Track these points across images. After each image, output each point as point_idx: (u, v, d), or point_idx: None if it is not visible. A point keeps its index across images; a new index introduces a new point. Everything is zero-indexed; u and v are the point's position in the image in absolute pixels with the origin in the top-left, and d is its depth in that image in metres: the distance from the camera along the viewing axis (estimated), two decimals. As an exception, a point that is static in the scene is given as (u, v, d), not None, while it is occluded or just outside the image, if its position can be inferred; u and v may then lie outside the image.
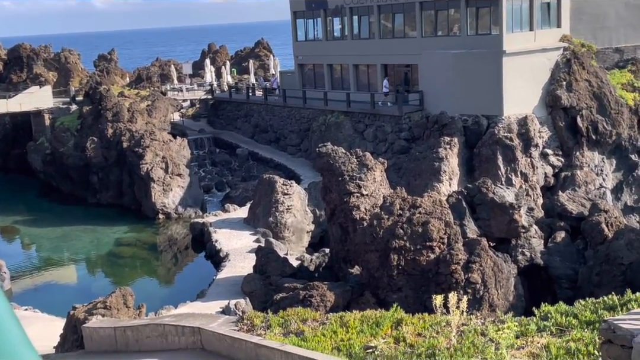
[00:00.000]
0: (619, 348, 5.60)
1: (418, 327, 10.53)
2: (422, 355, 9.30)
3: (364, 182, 23.03)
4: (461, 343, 9.42)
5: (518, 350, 8.78)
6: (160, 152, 38.08)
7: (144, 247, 34.15)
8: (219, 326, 12.47)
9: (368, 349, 10.03)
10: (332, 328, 11.29)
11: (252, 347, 10.96)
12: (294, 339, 11.09)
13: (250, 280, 23.56)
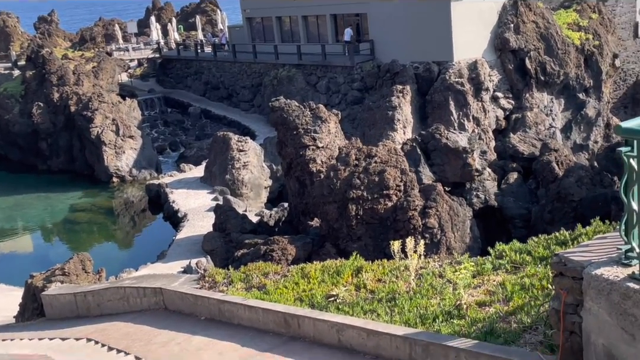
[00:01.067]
0: (570, 280, 5.80)
1: (378, 274, 10.70)
2: (383, 300, 9.47)
3: (319, 134, 23.02)
4: (420, 286, 9.62)
5: (475, 289, 9.01)
6: (109, 115, 37.29)
7: (99, 211, 33.71)
8: (180, 285, 12.46)
9: (330, 297, 10.17)
10: (294, 280, 11.39)
11: (215, 303, 11.00)
12: (257, 293, 11.17)
13: (210, 238, 23.54)
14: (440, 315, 8.42)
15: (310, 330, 9.20)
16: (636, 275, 5.34)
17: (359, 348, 8.41)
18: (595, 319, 5.61)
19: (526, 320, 7.62)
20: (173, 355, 9.60)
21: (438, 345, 7.42)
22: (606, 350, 5.60)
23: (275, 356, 8.79)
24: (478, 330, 7.72)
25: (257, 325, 10.12)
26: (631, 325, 5.32)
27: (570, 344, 5.96)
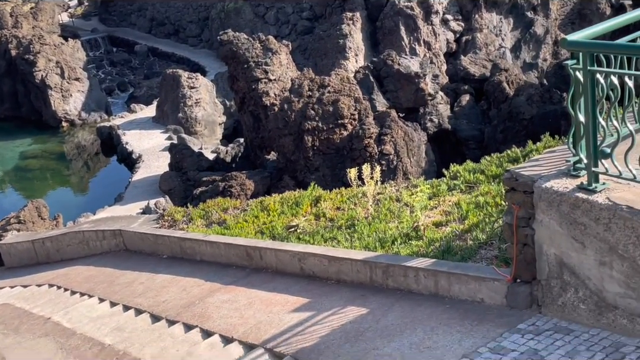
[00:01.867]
0: (521, 194, 5.95)
1: (336, 202, 10.81)
2: (343, 227, 9.61)
3: (270, 66, 22.71)
4: (378, 211, 9.76)
5: (431, 211, 9.20)
6: (53, 57, 36.03)
7: (51, 157, 32.99)
8: (140, 226, 12.41)
9: (290, 228, 10.26)
10: (254, 213, 11.44)
11: (176, 241, 11.02)
12: (217, 229, 11.20)
13: (167, 178, 23.36)
14: (399, 238, 8.59)
15: (273, 261, 9.31)
16: (584, 186, 5.50)
17: (321, 275, 8.56)
18: (547, 230, 5.80)
19: (481, 237, 7.83)
20: (137, 294, 9.64)
21: (397, 267, 7.60)
22: (558, 259, 5.81)
23: (239, 288, 8.90)
24: (435, 250, 7.92)
25: (219, 260, 10.19)
26: (581, 234, 5.52)
27: (524, 255, 6.16)
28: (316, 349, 6.64)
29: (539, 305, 6.14)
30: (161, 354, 7.57)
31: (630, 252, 5.20)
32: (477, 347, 5.88)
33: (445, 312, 6.73)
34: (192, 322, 8.20)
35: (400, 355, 6.11)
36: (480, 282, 6.71)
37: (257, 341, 7.22)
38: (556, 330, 5.80)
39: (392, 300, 7.32)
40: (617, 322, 5.46)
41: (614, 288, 5.41)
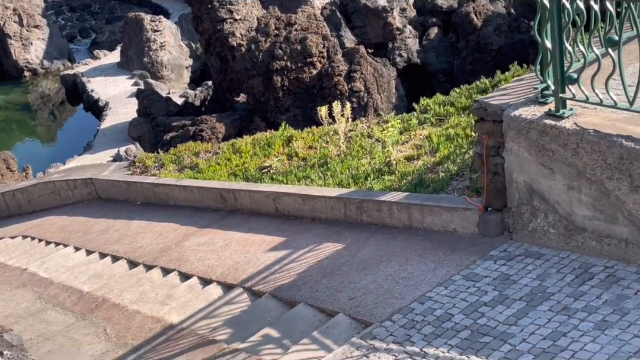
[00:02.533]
0: (491, 124, 6.00)
1: (308, 141, 10.80)
2: (315, 166, 9.63)
3: (235, 6, 22.23)
4: (350, 148, 9.79)
5: (403, 145, 9.25)
6: (9, 5, 34.83)
7: (15, 108, 32.26)
8: (111, 174, 12.32)
9: (263, 169, 10.26)
10: (226, 156, 11.40)
11: (149, 187, 10.96)
12: (190, 173, 11.17)
13: (136, 124, 23.04)
14: (372, 174, 8.65)
15: (247, 202, 9.33)
16: (552, 112, 5.55)
17: (296, 213, 8.62)
18: (516, 158, 5.88)
19: (452, 169, 7.92)
20: (113, 241, 9.63)
21: (371, 202, 7.67)
22: (527, 185, 5.91)
23: (215, 230, 8.93)
24: (408, 183, 8.00)
25: (194, 204, 10.19)
26: (549, 160, 5.60)
27: (494, 184, 6.25)
28: (294, 285, 6.74)
29: (510, 232, 6.27)
30: (141, 298, 7.63)
31: (598, 176, 5.30)
32: (451, 275, 6.02)
33: (419, 244, 6.84)
34: (170, 265, 8.24)
35: (376, 286, 6.23)
36: (453, 213, 6.82)
37: (236, 281, 7.30)
38: (527, 255, 5.94)
39: (367, 235, 7.42)
40: (586, 244, 5.61)
41: (582, 211, 5.54)
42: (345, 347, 5.44)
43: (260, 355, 5.78)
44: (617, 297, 5.03)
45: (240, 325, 6.47)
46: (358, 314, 5.91)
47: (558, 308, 5.09)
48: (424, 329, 5.33)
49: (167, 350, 6.29)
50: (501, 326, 5.08)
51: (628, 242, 5.31)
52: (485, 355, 4.81)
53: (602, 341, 4.59)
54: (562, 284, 5.38)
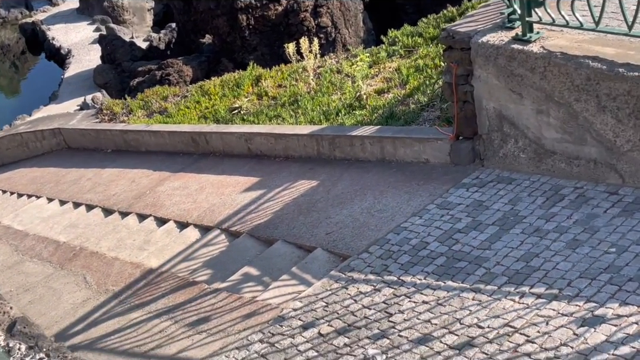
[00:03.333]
0: (459, 52, 5.97)
1: (277, 79, 10.69)
2: (286, 104, 9.56)
3: (194, -57, 21.53)
4: (320, 84, 9.71)
5: (372, 79, 9.19)
6: (-42, -47, 33.36)
7: (-26, 62, 31.37)
8: (79, 122, 12.12)
9: (233, 110, 10.17)
10: (195, 99, 11.25)
11: (119, 134, 10.82)
12: (159, 118, 11.03)
13: (101, 71, 22.56)
14: (343, 109, 8.62)
15: (219, 144, 9.28)
16: (519, 37, 5.54)
17: (269, 153, 8.60)
18: (485, 85, 5.89)
19: (423, 100, 7.92)
20: (86, 190, 9.56)
21: (343, 137, 7.67)
22: (497, 112, 5.94)
23: (189, 174, 8.90)
24: (379, 117, 7.99)
25: (165, 149, 10.11)
26: (518, 85, 5.62)
27: (465, 113, 6.28)
28: (271, 224, 6.79)
29: (482, 159, 6.34)
30: (118, 245, 7.63)
31: (566, 98, 5.34)
32: (425, 205, 6.10)
33: (393, 176, 6.90)
34: (145, 211, 8.23)
35: (352, 220, 6.30)
36: (424, 143, 6.85)
37: (212, 223, 7.32)
38: (499, 181, 6.03)
39: (341, 170, 7.45)
40: (556, 167, 5.70)
41: (551, 134, 5.60)
42: (325, 281, 5.53)
43: (241, 293, 5.86)
44: (587, 216, 5.15)
45: (219, 265, 6.53)
46: (335, 247, 5.99)
47: (530, 230, 5.20)
48: (401, 259, 5.42)
49: (148, 294, 6.34)
50: (475, 251, 5.19)
51: (597, 162, 5.41)
52: (460, 279, 4.93)
53: (574, 259, 4.73)
54: (533, 206, 5.48)
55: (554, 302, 4.38)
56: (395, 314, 4.80)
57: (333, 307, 5.15)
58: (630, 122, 5.05)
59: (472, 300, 4.67)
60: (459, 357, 4.20)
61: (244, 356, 4.97)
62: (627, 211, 5.06)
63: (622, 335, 3.93)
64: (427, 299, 4.84)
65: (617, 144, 5.21)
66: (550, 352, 3.99)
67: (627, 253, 4.61)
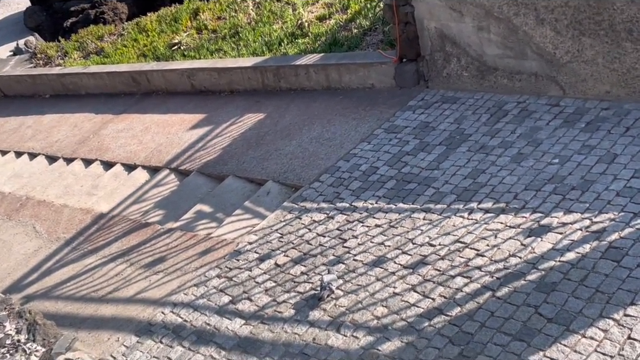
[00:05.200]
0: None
1: (216, 12, 10.39)
2: (227, 37, 9.34)
3: None
4: (260, 14, 9.49)
5: (313, 6, 9.01)
6: None
7: None
8: (13, 69, 11.63)
9: (173, 46, 9.89)
10: (132, 37, 10.89)
11: (55, 78, 10.45)
12: (96, 59, 10.65)
13: (32, 14, 21.55)
14: (285, 39, 8.46)
15: (161, 82, 9.06)
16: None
17: (213, 88, 8.45)
18: (425, 4, 5.83)
19: (365, 24, 7.82)
20: (27, 138, 9.28)
21: (287, 67, 7.56)
22: (439, 31, 5.92)
23: (132, 115, 8.70)
24: (322, 44, 7.89)
25: (106, 91, 9.82)
26: (458, 3, 5.59)
27: (407, 34, 6.23)
28: (221, 160, 6.74)
29: (426, 80, 6.35)
30: (66, 192, 7.48)
31: (505, 13, 5.34)
32: (372, 130, 6.11)
33: (340, 103, 6.87)
34: (91, 156, 8.05)
35: (302, 151, 6.29)
36: (369, 68, 6.81)
37: (161, 163, 7.23)
38: (444, 101, 6.07)
39: (287, 101, 7.38)
40: (499, 83, 5.75)
41: (493, 51, 5.62)
42: (278, 212, 5.55)
43: (196, 231, 5.85)
44: (531, 129, 5.25)
45: (171, 205, 6.48)
46: (287, 179, 5.99)
47: (476, 147, 5.29)
48: (352, 185, 5.47)
49: (101, 238, 6.28)
50: (424, 172, 5.26)
51: (537, 75, 5.47)
52: (411, 201, 5.00)
53: (519, 173, 4.84)
54: (478, 124, 5.55)
55: (502, 215, 4.50)
56: (350, 239, 4.87)
57: (288, 238, 5.19)
58: (569, 33, 5.09)
59: (423, 220, 4.76)
60: (413, 276, 4.31)
61: (202, 292, 5.00)
62: (568, 122, 5.17)
63: (567, 242, 4.08)
64: (380, 222, 4.92)
65: (557, 56, 5.27)
66: (500, 263, 4.13)
67: (570, 162, 4.74)
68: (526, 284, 3.90)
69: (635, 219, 4.05)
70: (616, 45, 4.92)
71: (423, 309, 4.03)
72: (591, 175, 4.55)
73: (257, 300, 4.70)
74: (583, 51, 5.11)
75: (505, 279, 4.00)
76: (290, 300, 4.57)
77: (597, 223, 4.12)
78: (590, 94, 5.25)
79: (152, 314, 5.01)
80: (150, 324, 4.93)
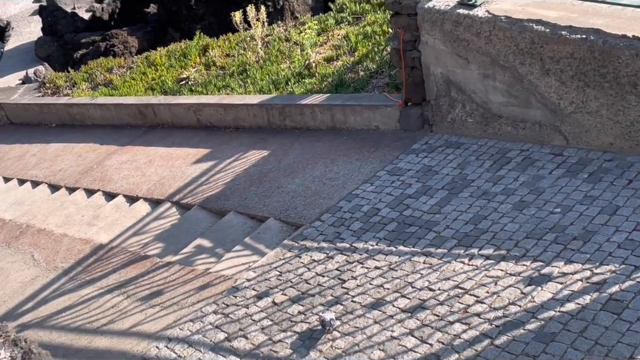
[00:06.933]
0: (406, 17, 5.97)
1: (225, 49, 10.52)
2: (235, 74, 9.44)
3: None
4: (269, 53, 9.60)
5: (321, 47, 9.13)
6: None
7: None
8: (21, 97, 11.74)
9: (181, 81, 9.99)
10: (141, 70, 11.01)
11: (63, 108, 10.53)
12: (104, 90, 10.76)
13: (43, 43, 21.83)
14: (292, 78, 8.55)
15: (167, 116, 9.12)
16: (465, 1, 5.56)
17: (219, 124, 8.50)
18: (432, 50, 5.91)
19: (372, 67, 7.91)
20: (31, 166, 9.31)
21: (293, 106, 7.62)
22: (444, 77, 5.98)
23: (137, 147, 8.74)
24: (329, 85, 7.96)
25: (112, 122, 9.89)
26: (464, 50, 5.66)
27: (413, 78, 6.30)
28: (223, 195, 6.74)
29: (430, 124, 6.39)
30: (66, 221, 7.48)
31: (511, 62, 5.40)
32: (376, 171, 6.13)
33: (344, 144, 6.90)
34: (93, 186, 8.07)
35: (304, 189, 6.30)
36: (374, 110, 6.87)
37: (163, 196, 7.23)
38: (447, 146, 6.10)
39: (292, 140, 7.42)
40: (502, 130, 5.79)
41: (497, 98, 5.67)
42: (278, 250, 5.54)
43: (194, 265, 5.83)
44: (533, 177, 5.26)
45: (171, 238, 6.47)
46: (288, 217, 5.99)
47: (478, 193, 5.29)
48: (353, 225, 5.46)
49: (99, 269, 6.25)
50: (426, 215, 5.26)
51: (541, 124, 5.51)
52: (411, 244, 4.99)
53: (521, 220, 4.83)
54: (481, 170, 5.57)
55: (502, 262, 4.49)
56: (349, 280, 4.85)
57: (287, 276, 5.16)
58: (574, 84, 5.15)
59: (423, 264, 4.74)
60: (411, 320, 4.27)
61: (198, 328, 4.96)
62: (571, 172, 5.19)
63: (567, 293, 4.05)
64: (379, 264, 4.90)
65: (561, 106, 5.31)
66: (499, 311, 4.10)
67: (572, 212, 4.74)
68: (525, 333, 3.87)
69: (636, 271, 4.04)
70: (620, 98, 4.97)
71: (420, 355, 3.98)
72: (593, 226, 4.54)
73: (253, 338, 4.66)
74: (587, 102, 5.15)
75: (504, 327, 3.96)
76: (286, 339, 4.53)
77: (597, 274, 4.11)
78: (594, 145, 5.28)
79: (146, 348, 4.96)
80: (145, 358, 4.87)
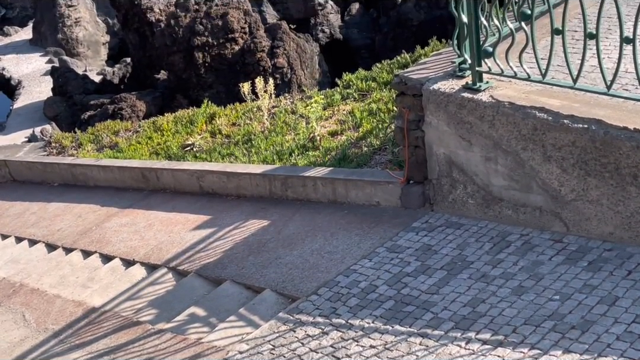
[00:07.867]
0: (411, 97, 6.09)
1: (232, 118, 10.68)
2: (239, 143, 9.55)
3: (153, -20, 21.60)
4: (274, 124, 9.75)
5: (326, 121, 9.28)
6: None
7: None
8: (26, 155, 11.83)
9: (186, 147, 10.10)
10: (147, 134, 11.14)
11: (67, 168, 10.60)
12: (109, 152, 10.85)
13: (52, 103, 22.22)
14: (296, 150, 8.65)
15: (170, 181, 9.17)
16: (469, 85, 5.68)
17: (221, 191, 8.54)
18: (436, 131, 6.00)
19: (375, 143, 8.01)
20: (30, 224, 9.29)
21: (296, 177, 7.68)
22: (447, 158, 6.05)
23: (137, 210, 8.75)
24: (332, 158, 8.05)
25: (114, 184, 9.93)
26: (467, 133, 5.75)
27: (415, 157, 6.37)
28: (220, 263, 6.70)
29: (431, 203, 6.42)
30: (61, 282, 7.41)
31: (513, 147, 5.47)
32: (375, 247, 6.11)
33: (344, 218, 6.91)
34: (91, 248, 8.03)
35: (302, 261, 6.27)
36: (376, 186, 6.91)
37: (160, 261, 7.19)
38: (448, 226, 6.10)
39: (293, 211, 7.43)
40: (503, 213, 5.81)
41: (499, 182, 5.72)
42: (272, 323, 5.46)
43: (187, 334, 5.74)
44: (533, 263, 5.24)
45: (165, 305, 6.39)
46: (285, 289, 5.94)
47: (477, 276, 5.26)
48: (350, 301, 5.41)
49: (90, 333, 6.15)
50: (423, 295, 5.21)
51: (542, 210, 5.53)
52: (408, 324, 4.93)
53: (519, 306, 4.79)
54: (480, 252, 5.56)
55: (499, 348, 4.42)
56: (343, 358, 4.76)
57: (280, 350, 5.08)
58: (575, 172, 5.20)
59: (419, 345, 4.67)
60: (405, 403, 4.18)
61: (187, 400, 4.84)
62: (571, 259, 5.17)
63: (565, 383, 3.98)
64: (375, 343, 4.82)
65: (562, 193, 5.35)
66: (496, 399, 4.01)
67: (571, 301, 4.70)
68: (522, 423, 3.77)
69: (636, 364, 3.97)
70: (621, 188, 5.01)
71: None
72: (592, 315, 4.50)
73: (242, 414, 4.54)
74: (588, 191, 5.19)
75: (500, 416, 3.87)
76: (276, 417, 4.41)
77: (596, 365, 4.03)
78: (594, 234, 5.29)
79: (132, 419, 4.83)
80: None
